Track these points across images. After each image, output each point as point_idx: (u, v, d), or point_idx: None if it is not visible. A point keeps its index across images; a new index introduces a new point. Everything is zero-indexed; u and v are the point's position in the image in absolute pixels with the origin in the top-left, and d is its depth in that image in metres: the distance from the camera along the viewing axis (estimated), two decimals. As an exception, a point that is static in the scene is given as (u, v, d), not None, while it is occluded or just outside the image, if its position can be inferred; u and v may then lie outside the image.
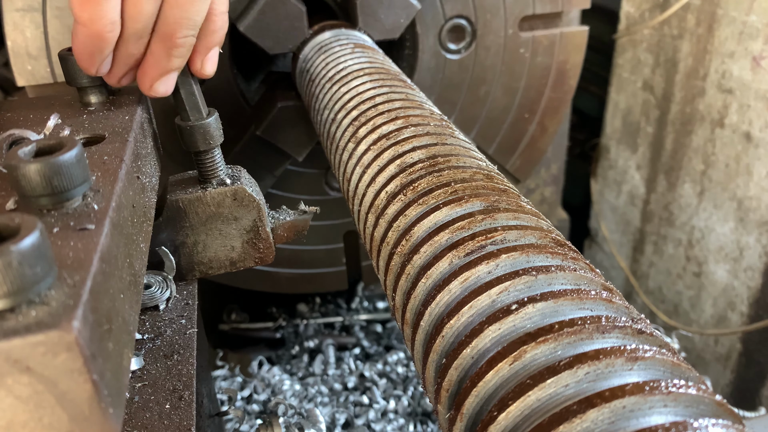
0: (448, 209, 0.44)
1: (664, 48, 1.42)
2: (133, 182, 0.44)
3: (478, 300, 0.37)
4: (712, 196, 1.34)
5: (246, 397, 0.99)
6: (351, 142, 0.60)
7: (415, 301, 0.42)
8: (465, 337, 0.36)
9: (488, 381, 0.33)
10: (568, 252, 0.39)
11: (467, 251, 0.40)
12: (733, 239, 1.30)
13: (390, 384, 1.05)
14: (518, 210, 0.43)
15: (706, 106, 1.32)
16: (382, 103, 0.62)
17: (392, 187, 0.51)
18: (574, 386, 0.31)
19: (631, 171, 1.59)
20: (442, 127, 0.57)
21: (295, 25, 0.88)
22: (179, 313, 0.54)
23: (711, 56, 1.30)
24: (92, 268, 0.30)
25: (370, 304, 1.39)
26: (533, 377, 0.31)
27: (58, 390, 0.27)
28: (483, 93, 1.04)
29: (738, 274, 1.30)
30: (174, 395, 0.45)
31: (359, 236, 1.18)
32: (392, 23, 0.91)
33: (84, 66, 0.49)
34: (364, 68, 0.70)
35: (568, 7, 1.03)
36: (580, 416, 0.29)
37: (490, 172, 0.50)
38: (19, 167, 0.34)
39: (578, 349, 0.32)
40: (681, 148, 1.41)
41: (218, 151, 0.57)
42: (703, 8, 1.30)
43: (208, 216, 0.58)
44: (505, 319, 0.35)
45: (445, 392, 0.36)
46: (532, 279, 0.36)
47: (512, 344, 0.33)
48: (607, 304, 0.35)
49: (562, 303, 0.35)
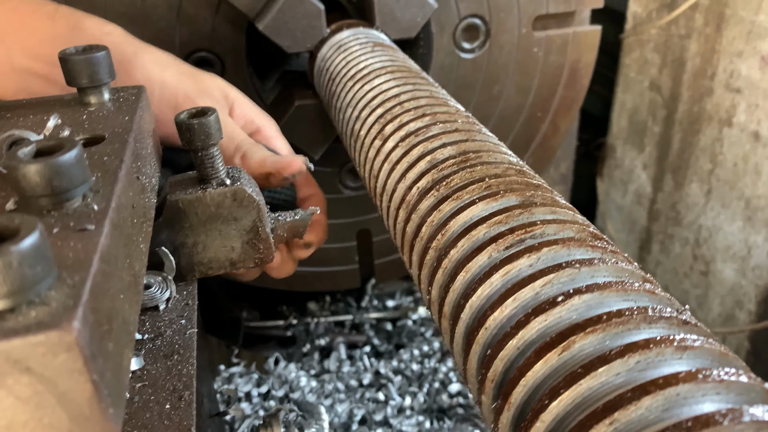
0: (484, 204, 0.45)
1: (671, 47, 1.43)
2: (133, 183, 0.44)
3: (522, 292, 0.37)
4: (719, 195, 1.35)
5: (263, 394, 1.00)
6: (377, 139, 0.61)
7: (454, 294, 0.42)
8: (510, 328, 0.36)
9: (537, 371, 0.34)
10: (606, 245, 0.40)
11: (507, 245, 0.41)
12: (741, 238, 1.31)
13: (405, 381, 1.06)
14: (554, 204, 0.44)
15: (714, 106, 1.33)
16: (408, 101, 0.62)
17: (424, 183, 0.51)
18: (624, 375, 0.31)
19: (637, 170, 1.60)
20: (470, 123, 0.58)
21: (313, 24, 0.88)
22: (179, 314, 0.54)
23: (719, 56, 1.31)
24: (92, 268, 0.30)
25: (380, 303, 1.40)
26: (584, 366, 0.32)
27: (58, 390, 0.27)
28: (496, 92, 1.05)
29: (746, 272, 1.31)
30: (174, 395, 0.45)
31: (372, 234, 1.19)
32: (409, 22, 0.91)
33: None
34: (386, 66, 0.71)
35: (581, 6, 1.04)
36: (635, 403, 0.29)
37: (522, 167, 0.50)
38: (18, 168, 0.34)
39: (627, 339, 0.33)
40: (688, 148, 1.42)
41: (218, 151, 0.57)
42: (711, 8, 1.31)
43: (208, 216, 0.58)
44: (551, 311, 0.35)
45: (490, 383, 0.37)
46: (576, 271, 0.37)
47: (560, 335, 0.34)
48: (651, 295, 0.36)
49: (607, 294, 0.35)
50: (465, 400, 1.04)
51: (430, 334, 1.28)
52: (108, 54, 0.52)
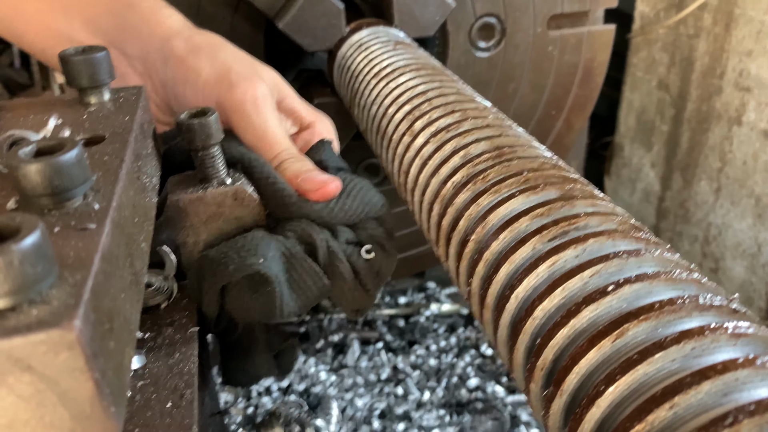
0: (525, 197, 0.45)
1: (679, 47, 1.44)
2: (133, 182, 0.44)
3: (571, 282, 0.38)
4: (729, 192, 1.36)
5: (284, 388, 1.00)
6: (407, 135, 0.61)
7: (498, 286, 0.43)
8: (560, 317, 0.37)
9: (590, 358, 0.34)
10: (650, 237, 0.41)
11: (551, 237, 0.41)
12: (751, 235, 1.32)
13: (423, 375, 1.07)
14: (593, 197, 0.45)
15: (723, 104, 1.34)
16: (436, 97, 0.63)
17: (459, 177, 0.52)
18: (680, 361, 0.32)
19: (645, 169, 1.61)
20: (500, 119, 0.58)
21: (333, 23, 0.89)
22: (181, 312, 0.54)
23: (728, 55, 1.32)
24: (93, 267, 0.30)
25: (391, 300, 1.41)
26: (640, 352, 0.32)
27: (59, 389, 0.27)
28: (511, 90, 1.06)
29: (756, 269, 1.32)
30: (175, 394, 0.45)
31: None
32: (427, 21, 0.92)
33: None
34: (411, 63, 0.72)
35: (595, 6, 1.05)
36: (695, 388, 0.30)
37: (557, 162, 0.51)
38: (19, 167, 0.34)
39: (680, 326, 0.33)
40: (697, 146, 1.43)
41: (218, 151, 0.57)
42: (720, 8, 1.32)
43: (209, 216, 0.58)
44: (602, 300, 0.36)
45: (540, 371, 0.38)
46: (624, 262, 0.37)
47: (613, 323, 0.35)
48: (698, 284, 0.37)
49: (656, 284, 0.36)
50: (483, 394, 1.05)
51: (443, 330, 1.29)
52: (107, 54, 0.52)
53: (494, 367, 1.15)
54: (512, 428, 1.03)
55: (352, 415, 1.00)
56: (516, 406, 1.07)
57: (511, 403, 1.07)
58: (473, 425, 1.02)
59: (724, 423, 0.29)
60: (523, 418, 1.05)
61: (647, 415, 0.31)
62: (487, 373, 1.14)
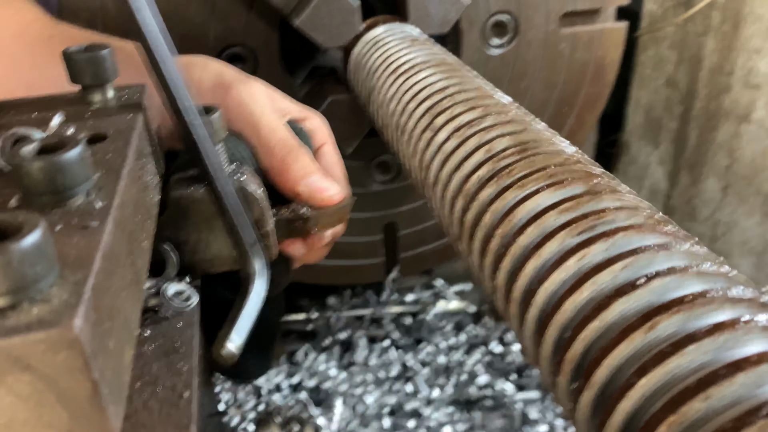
0: (551, 191, 0.46)
1: (688, 45, 1.45)
2: (136, 180, 0.44)
3: (600, 276, 0.38)
4: (736, 190, 1.36)
5: (294, 385, 1.01)
6: (428, 131, 0.62)
7: (525, 279, 0.43)
8: (591, 310, 0.37)
9: (621, 350, 0.35)
10: (678, 231, 0.41)
11: (579, 231, 0.42)
12: (759, 233, 1.32)
13: (432, 373, 1.08)
14: (619, 192, 0.45)
15: (732, 102, 1.34)
16: (457, 93, 0.63)
17: (483, 172, 0.52)
18: (713, 353, 0.32)
19: (652, 166, 1.61)
20: (522, 114, 0.59)
21: (348, 20, 0.89)
22: (181, 311, 0.54)
23: (737, 53, 1.32)
24: (94, 266, 0.30)
25: (399, 297, 1.41)
26: (673, 344, 0.33)
27: (58, 388, 0.26)
28: (523, 87, 1.06)
29: (763, 267, 1.33)
30: (174, 393, 0.45)
31: (397, 228, 1.20)
32: (442, 18, 0.93)
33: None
34: (429, 60, 0.72)
35: (606, 3, 1.05)
36: (729, 379, 0.30)
37: (581, 157, 0.51)
38: (22, 165, 0.34)
39: (712, 319, 0.34)
40: (705, 144, 1.44)
41: (221, 149, 0.57)
42: (728, 6, 1.33)
43: (211, 213, 0.57)
44: (633, 293, 0.36)
45: (569, 364, 0.38)
46: (653, 255, 0.38)
47: (644, 316, 0.35)
48: (727, 278, 0.37)
49: (686, 276, 0.36)
50: (493, 391, 1.05)
51: (451, 328, 1.29)
52: (111, 52, 0.51)
53: (503, 365, 1.16)
54: (522, 425, 1.04)
55: (362, 412, 1.00)
56: (526, 403, 1.08)
57: (520, 400, 1.08)
58: (483, 422, 1.02)
59: (758, 414, 0.29)
60: (533, 415, 1.05)
61: (681, 406, 0.31)
62: (497, 370, 1.14)
